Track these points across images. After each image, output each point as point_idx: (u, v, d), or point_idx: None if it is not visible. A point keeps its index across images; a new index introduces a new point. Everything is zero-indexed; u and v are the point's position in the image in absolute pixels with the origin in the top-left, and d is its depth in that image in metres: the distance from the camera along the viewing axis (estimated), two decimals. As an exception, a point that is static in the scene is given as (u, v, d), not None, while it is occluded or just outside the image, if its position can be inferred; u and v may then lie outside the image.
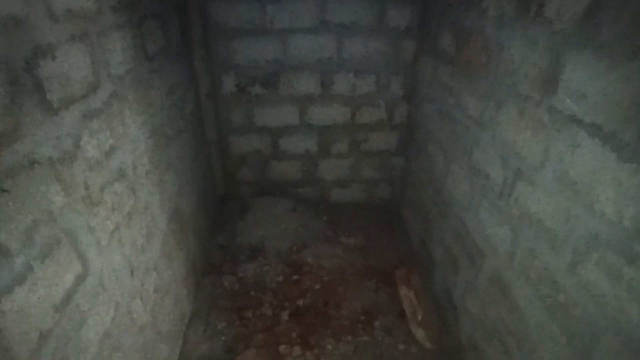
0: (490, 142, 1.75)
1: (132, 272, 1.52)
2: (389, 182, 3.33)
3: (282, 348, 2.06)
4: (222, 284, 2.50)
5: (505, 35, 1.62)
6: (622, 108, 1.03)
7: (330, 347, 2.06)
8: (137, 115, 1.65)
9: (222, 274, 2.56)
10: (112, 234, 1.37)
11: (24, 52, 0.96)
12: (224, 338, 2.15)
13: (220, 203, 3.25)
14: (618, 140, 1.05)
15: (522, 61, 1.49)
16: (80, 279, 1.16)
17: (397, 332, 2.17)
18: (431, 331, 2.16)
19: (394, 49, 2.76)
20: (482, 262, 1.85)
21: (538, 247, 1.42)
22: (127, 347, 1.45)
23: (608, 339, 1.11)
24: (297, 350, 2.05)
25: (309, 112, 2.98)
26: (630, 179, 1.01)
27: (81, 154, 1.20)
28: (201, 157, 2.75)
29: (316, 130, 3.06)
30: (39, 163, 1.00)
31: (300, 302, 2.35)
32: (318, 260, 2.65)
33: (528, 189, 1.47)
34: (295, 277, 2.52)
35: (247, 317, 2.26)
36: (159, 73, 1.94)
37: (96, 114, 1.31)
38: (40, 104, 1.01)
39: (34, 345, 0.94)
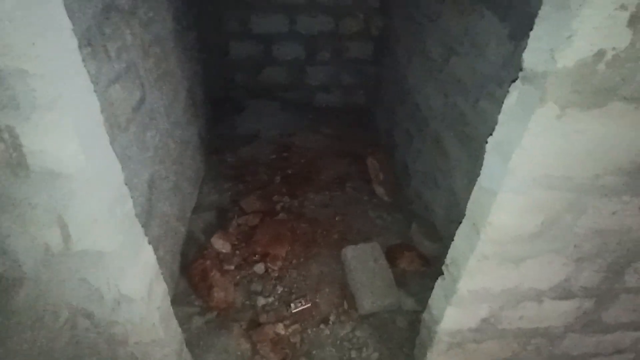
0: (435, 31, 2.29)
1: (167, 117, 2.08)
2: (364, 89, 3.87)
3: (275, 197, 2.71)
4: (225, 160, 3.10)
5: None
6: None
7: (312, 196, 2.72)
8: (161, 2, 2.12)
9: (225, 153, 3.15)
10: (156, 80, 1.91)
11: None
12: (229, 193, 2.78)
13: (219, 104, 3.75)
14: (499, 7, 1.60)
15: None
16: (141, 101, 1.72)
17: (363, 190, 2.84)
18: (389, 189, 2.83)
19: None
20: (427, 128, 2.47)
21: (457, 99, 2.02)
22: (168, 166, 2.04)
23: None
24: (286, 199, 2.71)
25: (298, 21, 3.42)
26: (501, 31, 1.58)
27: (137, 17, 1.70)
28: (203, 58, 3.21)
29: (304, 38, 3.52)
30: (118, 10, 1.50)
31: (289, 171, 2.98)
32: (303, 143, 3.25)
33: (456, 59, 2.04)
34: (285, 155, 3.13)
35: (247, 180, 2.89)
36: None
37: (141, -12, 1.79)
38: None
39: (129, 115, 1.52)
